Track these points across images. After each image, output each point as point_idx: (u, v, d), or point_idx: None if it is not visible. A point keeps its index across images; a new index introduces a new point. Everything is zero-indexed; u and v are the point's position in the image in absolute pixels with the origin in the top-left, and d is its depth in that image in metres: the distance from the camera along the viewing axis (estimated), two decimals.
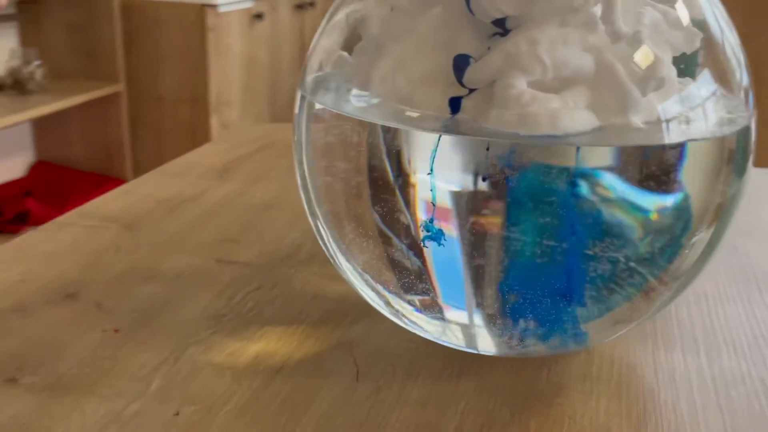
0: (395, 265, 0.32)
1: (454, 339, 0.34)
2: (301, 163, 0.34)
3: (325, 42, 0.35)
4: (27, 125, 2.21)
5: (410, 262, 0.31)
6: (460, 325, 0.33)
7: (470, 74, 0.30)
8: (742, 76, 0.34)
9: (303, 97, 0.34)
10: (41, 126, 2.23)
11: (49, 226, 0.49)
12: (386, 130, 0.31)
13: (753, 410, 0.32)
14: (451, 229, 0.30)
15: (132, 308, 0.39)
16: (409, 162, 0.30)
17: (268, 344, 0.36)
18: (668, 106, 0.31)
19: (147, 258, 0.45)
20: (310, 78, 0.34)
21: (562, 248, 0.30)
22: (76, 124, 2.21)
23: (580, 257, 0.30)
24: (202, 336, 0.36)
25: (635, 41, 0.29)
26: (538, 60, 0.29)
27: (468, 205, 0.30)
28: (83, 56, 2.15)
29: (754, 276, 0.45)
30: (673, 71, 0.32)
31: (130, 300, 0.40)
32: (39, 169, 2.23)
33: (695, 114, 0.31)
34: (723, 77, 0.34)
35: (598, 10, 0.30)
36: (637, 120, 0.30)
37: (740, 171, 0.32)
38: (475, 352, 0.34)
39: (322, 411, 0.31)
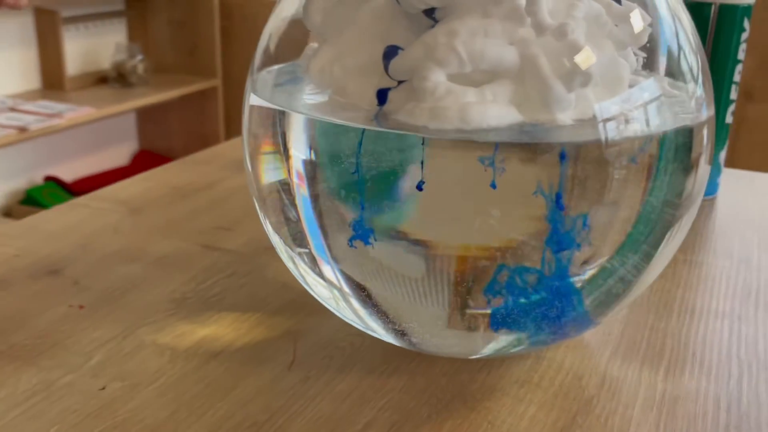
0: (289, 222, 0.32)
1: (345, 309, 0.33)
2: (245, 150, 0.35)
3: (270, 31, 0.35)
4: (132, 116, 2.34)
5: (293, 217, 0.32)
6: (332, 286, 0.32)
7: (393, 65, 0.29)
8: (696, 75, 0.32)
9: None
10: (144, 117, 2.35)
11: (63, 206, 0.52)
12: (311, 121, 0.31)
13: (690, 428, 0.30)
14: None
15: (105, 287, 0.41)
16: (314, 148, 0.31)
17: (218, 329, 0.37)
18: (607, 105, 0.29)
19: (139, 240, 0.46)
20: (261, 72, 0.35)
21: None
22: (175, 116, 2.31)
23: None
24: (158, 317, 0.38)
25: (561, 34, 0.28)
26: (454, 52, 0.28)
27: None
28: (184, 52, 2.25)
29: (757, 291, 0.42)
30: (624, 67, 0.31)
31: (106, 279, 0.41)
32: (141, 158, 2.35)
33: (635, 112, 0.29)
34: (675, 75, 0.32)
35: (524, 1, 0.28)
36: (563, 117, 0.29)
37: (685, 170, 0.31)
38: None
39: (241, 397, 0.32)
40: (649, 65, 0.31)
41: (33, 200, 1.93)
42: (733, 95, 0.54)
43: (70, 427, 0.29)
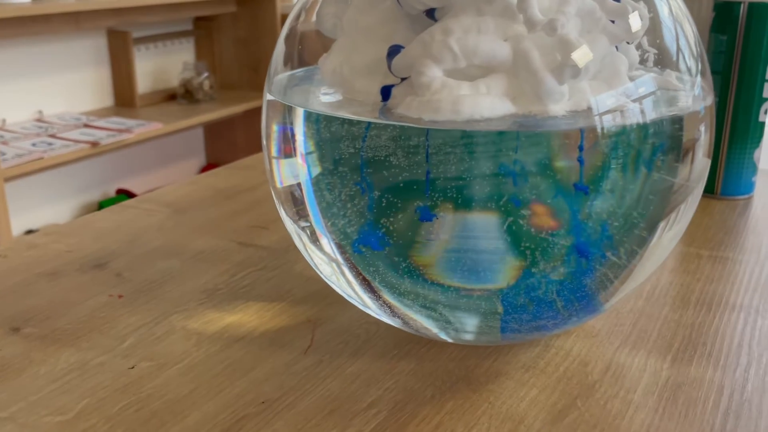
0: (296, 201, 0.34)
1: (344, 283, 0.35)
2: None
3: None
4: (199, 131, 2.42)
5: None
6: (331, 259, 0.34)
7: (395, 63, 0.31)
8: (694, 67, 0.33)
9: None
10: (211, 132, 2.43)
11: (114, 208, 0.56)
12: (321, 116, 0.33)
13: (689, 414, 0.31)
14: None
15: (144, 279, 0.43)
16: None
17: (243, 317, 0.39)
18: (602, 97, 0.30)
19: (180, 238, 0.49)
20: (279, 76, 0.37)
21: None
22: (240, 130, 2.38)
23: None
24: (189, 306, 0.40)
25: (551, 29, 0.29)
26: (448, 48, 0.30)
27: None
28: (248, 68, 2.32)
29: None
30: (621, 61, 0.32)
31: (146, 272, 0.44)
32: (208, 171, 2.43)
33: (630, 104, 0.30)
34: (671, 67, 0.33)
35: None
36: (556, 108, 0.30)
37: (680, 159, 0.31)
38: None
39: (257, 377, 0.34)
40: (657, 61, 0.32)
41: None
42: (766, 93, 0.53)
43: (99, 400, 0.32)
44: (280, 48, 0.36)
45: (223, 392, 0.33)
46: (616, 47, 0.32)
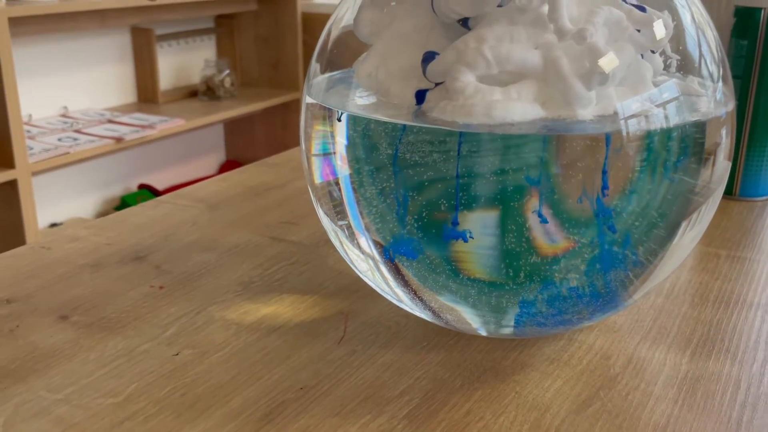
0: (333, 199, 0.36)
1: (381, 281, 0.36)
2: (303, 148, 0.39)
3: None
4: (219, 128, 2.45)
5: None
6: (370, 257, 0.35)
7: (430, 69, 0.33)
8: (716, 73, 0.34)
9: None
10: (231, 129, 2.46)
11: (150, 203, 0.58)
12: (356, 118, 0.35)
13: (707, 406, 0.32)
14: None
15: (182, 271, 0.45)
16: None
17: (278, 308, 0.41)
18: (628, 102, 0.32)
19: (214, 233, 0.51)
20: (317, 78, 0.39)
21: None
22: (260, 128, 2.41)
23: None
24: (227, 297, 0.42)
25: (580, 38, 0.31)
26: (481, 55, 0.31)
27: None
28: (268, 66, 2.35)
29: None
30: (646, 68, 0.33)
31: (183, 265, 0.46)
32: (228, 167, 2.45)
33: (654, 109, 0.32)
34: (693, 72, 0.34)
35: (546, 9, 0.31)
36: (584, 113, 0.31)
37: (702, 162, 0.33)
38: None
39: (295, 364, 0.35)
40: (680, 67, 0.34)
41: (127, 206, 2.06)
42: None
43: (147, 384, 0.34)
44: (318, 51, 0.38)
45: (263, 379, 0.34)
46: (642, 55, 0.34)
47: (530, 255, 0.33)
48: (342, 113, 0.34)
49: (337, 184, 0.35)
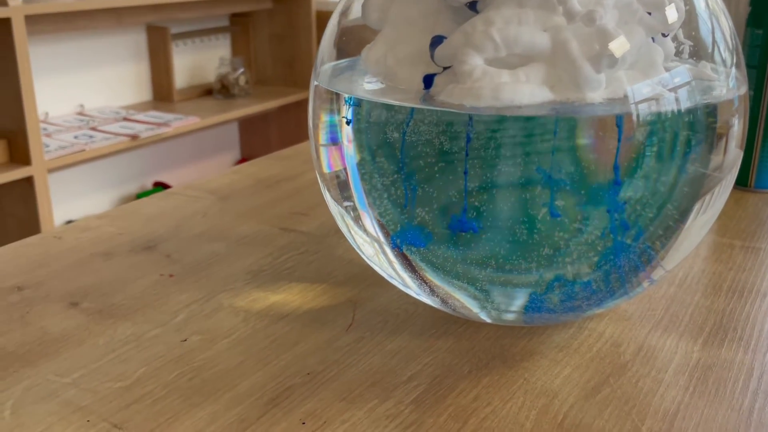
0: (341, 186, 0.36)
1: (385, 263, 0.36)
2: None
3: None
4: (234, 126, 2.45)
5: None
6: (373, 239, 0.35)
7: (438, 53, 0.33)
8: (729, 59, 0.34)
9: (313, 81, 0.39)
10: (245, 127, 2.46)
11: (161, 194, 0.58)
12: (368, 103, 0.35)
13: (719, 393, 0.32)
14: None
15: (192, 260, 0.46)
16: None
17: (287, 296, 0.41)
18: (638, 86, 0.31)
19: (224, 223, 0.51)
20: (324, 66, 0.39)
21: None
22: (274, 126, 2.42)
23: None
24: (236, 285, 0.42)
25: (590, 20, 0.31)
26: (489, 38, 0.31)
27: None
28: (283, 64, 2.35)
29: None
30: (657, 51, 0.33)
31: (194, 254, 0.46)
32: None
33: (665, 92, 0.32)
34: (706, 59, 0.34)
35: None
36: (593, 96, 0.31)
37: (712, 147, 0.32)
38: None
39: (302, 350, 0.35)
40: (692, 53, 0.33)
41: None
42: None
43: (155, 369, 0.34)
44: (326, 40, 0.38)
45: (270, 364, 0.34)
46: (653, 38, 0.33)
47: (540, 242, 0.32)
48: (350, 116, 0.34)
49: (345, 169, 0.35)
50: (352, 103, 0.35)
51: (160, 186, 2.15)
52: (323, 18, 2.31)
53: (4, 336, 0.37)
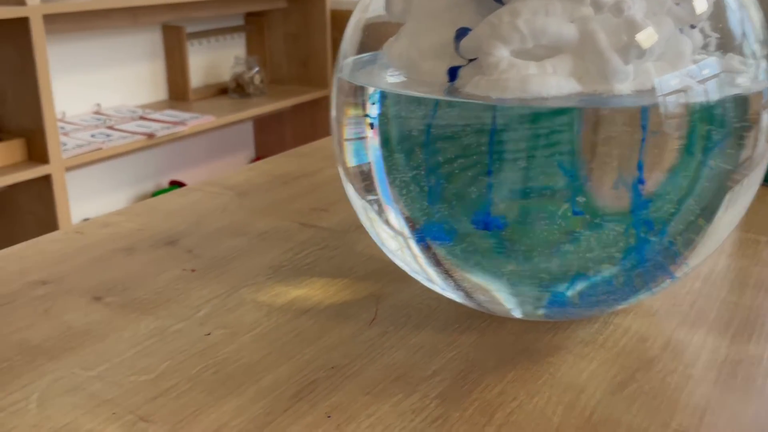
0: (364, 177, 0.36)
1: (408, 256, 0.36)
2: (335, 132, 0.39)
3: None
4: (249, 125, 2.46)
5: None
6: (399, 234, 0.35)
7: (463, 45, 0.33)
8: (759, 52, 0.33)
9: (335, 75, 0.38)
10: (260, 126, 2.47)
11: (179, 191, 0.58)
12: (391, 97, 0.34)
13: (748, 387, 0.31)
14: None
15: (214, 255, 0.46)
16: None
17: (309, 291, 0.41)
18: (666, 77, 0.31)
19: (245, 219, 0.51)
20: (346, 60, 0.39)
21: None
22: (289, 125, 2.42)
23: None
24: (258, 280, 0.42)
25: (617, 11, 0.30)
26: (516, 29, 0.31)
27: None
28: (297, 63, 2.36)
29: None
30: (685, 43, 0.32)
31: (215, 249, 0.46)
32: None
33: (694, 84, 0.31)
34: (734, 51, 0.33)
35: None
36: (621, 87, 0.31)
37: (740, 140, 0.32)
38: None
39: (326, 345, 0.35)
40: (719, 45, 0.33)
41: None
42: None
43: (179, 362, 0.34)
44: (348, 34, 0.38)
45: (294, 358, 0.34)
46: (680, 30, 0.33)
47: (565, 238, 0.32)
48: (374, 110, 0.34)
49: (369, 163, 0.35)
50: (375, 96, 0.34)
51: (176, 184, 2.16)
52: (338, 17, 2.31)
53: (28, 330, 0.37)
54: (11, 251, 0.46)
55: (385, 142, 0.34)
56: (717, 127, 0.32)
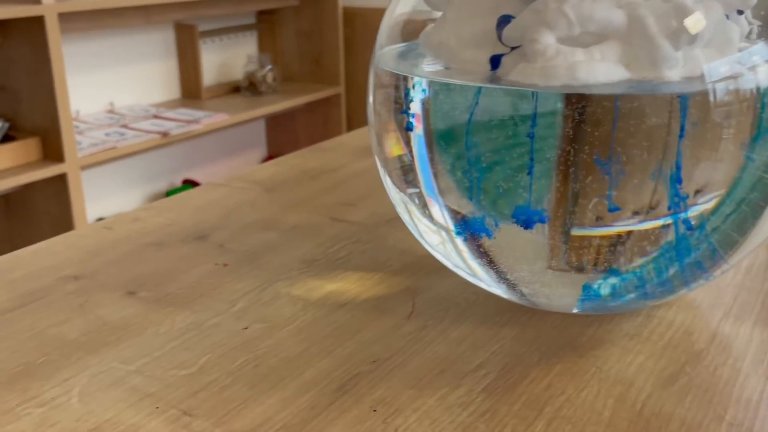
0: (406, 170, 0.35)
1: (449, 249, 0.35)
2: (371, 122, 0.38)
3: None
4: (261, 123, 2.46)
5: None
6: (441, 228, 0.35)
7: (506, 32, 0.32)
8: None
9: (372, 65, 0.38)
10: (273, 124, 2.47)
11: (206, 186, 0.58)
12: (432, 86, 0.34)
13: None
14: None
15: (245, 249, 0.45)
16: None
17: (344, 285, 0.40)
18: (716, 64, 0.30)
19: (274, 213, 0.51)
20: (384, 50, 0.38)
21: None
22: (301, 122, 2.42)
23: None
24: (292, 274, 0.42)
25: None
26: (563, 15, 0.30)
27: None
28: (310, 61, 2.35)
29: None
30: (733, 29, 0.32)
31: (246, 243, 0.46)
32: None
33: (744, 72, 0.30)
34: None
35: None
36: (671, 74, 0.30)
37: None
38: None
39: (365, 338, 0.35)
40: (761, 33, 0.32)
41: None
42: None
43: (219, 356, 0.33)
44: (384, 25, 0.37)
45: (334, 352, 0.34)
46: (727, 16, 0.32)
47: (607, 230, 0.31)
48: (414, 100, 0.33)
49: (410, 154, 0.34)
50: (416, 85, 0.34)
51: (189, 183, 2.16)
52: (350, 14, 2.31)
53: (64, 324, 0.37)
54: (41, 246, 0.46)
55: (428, 133, 0.33)
56: (767, 115, 0.31)
